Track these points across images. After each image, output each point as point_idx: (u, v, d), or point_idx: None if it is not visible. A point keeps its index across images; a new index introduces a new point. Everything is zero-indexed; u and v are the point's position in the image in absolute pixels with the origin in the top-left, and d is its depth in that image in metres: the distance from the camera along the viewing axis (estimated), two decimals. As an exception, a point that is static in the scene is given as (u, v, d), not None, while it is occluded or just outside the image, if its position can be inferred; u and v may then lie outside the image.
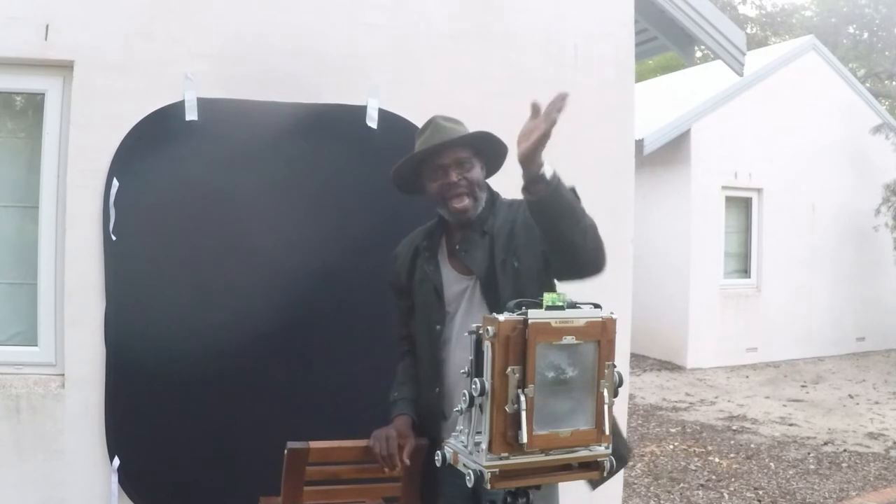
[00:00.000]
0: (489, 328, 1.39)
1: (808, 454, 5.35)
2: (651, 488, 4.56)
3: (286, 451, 1.97)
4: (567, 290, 1.51)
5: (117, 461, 2.57)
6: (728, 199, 9.32)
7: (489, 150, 2.02)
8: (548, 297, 1.42)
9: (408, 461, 1.94)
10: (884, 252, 9.96)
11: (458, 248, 1.98)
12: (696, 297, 8.89)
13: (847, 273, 10.01)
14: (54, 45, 2.60)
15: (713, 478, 4.79)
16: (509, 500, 1.47)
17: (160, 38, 2.67)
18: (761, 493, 4.51)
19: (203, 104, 2.65)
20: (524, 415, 1.36)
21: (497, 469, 1.38)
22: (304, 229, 2.65)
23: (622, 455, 1.79)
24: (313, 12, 2.81)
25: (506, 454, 1.38)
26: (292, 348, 2.67)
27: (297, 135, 2.70)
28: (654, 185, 9.02)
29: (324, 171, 2.74)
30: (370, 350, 2.57)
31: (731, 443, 5.66)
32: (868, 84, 15.62)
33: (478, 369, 1.42)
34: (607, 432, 1.43)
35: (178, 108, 2.64)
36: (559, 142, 2.99)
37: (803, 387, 7.97)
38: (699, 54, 9.97)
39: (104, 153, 2.60)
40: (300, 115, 2.70)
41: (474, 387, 1.40)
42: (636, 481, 4.68)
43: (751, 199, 9.52)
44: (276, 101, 2.69)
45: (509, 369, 1.37)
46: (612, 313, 1.46)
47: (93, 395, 2.60)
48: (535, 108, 1.63)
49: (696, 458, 5.21)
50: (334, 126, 2.76)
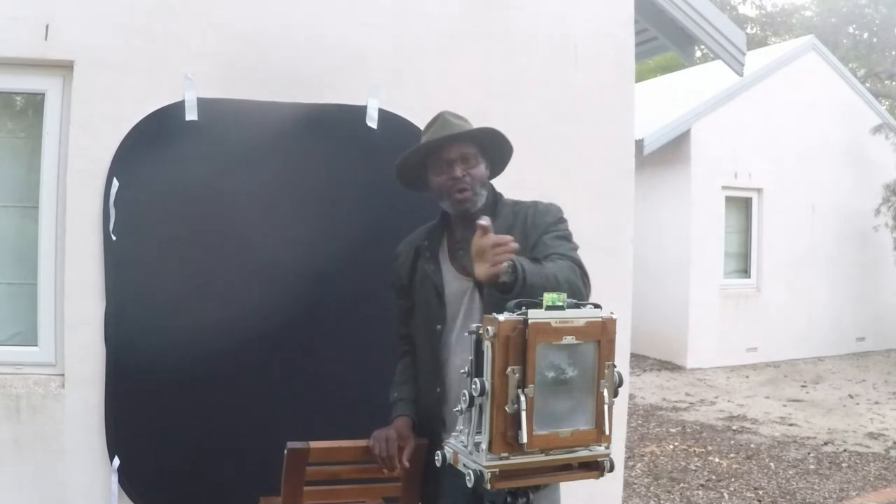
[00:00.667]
0: (489, 328, 1.39)
1: (808, 454, 5.35)
2: (651, 488, 4.56)
3: (286, 451, 1.97)
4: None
5: (117, 461, 2.57)
6: (728, 199, 9.32)
7: (495, 149, 2.02)
8: (548, 297, 1.42)
9: (407, 463, 1.94)
10: (884, 252, 9.96)
11: (458, 248, 1.98)
12: (696, 297, 8.89)
13: (847, 273, 10.01)
14: (54, 45, 2.60)
15: (713, 478, 4.79)
16: (509, 500, 1.47)
17: (160, 38, 2.67)
18: (761, 493, 4.51)
19: (203, 104, 2.65)
20: (524, 415, 1.36)
21: (497, 469, 1.38)
22: (304, 229, 2.65)
23: None
24: (313, 12, 2.81)
25: (506, 454, 1.38)
26: (292, 348, 2.67)
27: (297, 135, 2.70)
28: (654, 185, 9.02)
29: (324, 170, 2.74)
30: (371, 350, 2.57)
31: (731, 443, 5.66)
32: (868, 84, 15.61)
33: (478, 369, 1.42)
34: (607, 432, 1.43)
35: (178, 108, 2.64)
36: (559, 142, 3.02)
37: (803, 387, 7.98)
38: (699, 54, 9.97)
39: (104, 153, 2.60)
40: (300, 115, 2.70)
41: (474, 387, 1.40)
42: (636, 481, 4.68)
43: (751, 199, 9.52)
44: (276, 101, 2.69)
45: (509, 369, 1.37)
46: (612, 313, 1.46)
47: (93, 395, 2.60)
48: (483, 228, 1.63)
49: (696, 458, 5.22)
50: (334, 126, 2.76)
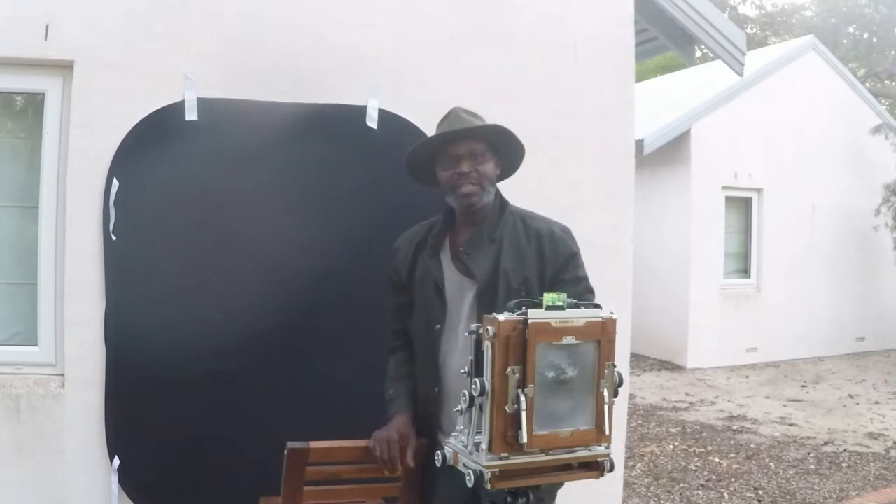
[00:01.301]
0: (489, 328, 1.39)
1: (808, 454, 5.35)
2: (651, 488, 4.56)
3: (286, 451, 1.97)
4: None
5: (117, 461, 2.57)
6: (728, 199, 9.32)
7: (505, 148, 2.01)
8: (548, 297, 1.42)
9: (412, 463, 1.92)
10: (884, 252, 9.96)
11: (462, 249, 1.98)
12: (696, 297, 8.89)
13: (847, 273, 10.01)
14: (54, 45, 2.60)
15: (713, 478, 4.79)
16: (509, 500, 1.47)
17: (160, 38, 2.67)
18: (761, 493, 4.51)
19: (203, 104, 2.65)
20: (524, 415, 1.36)
21: (497, 469, 1.38)
22: (304, 229, 2.65)
23: None
24: (313, 12, 2.81)
25: (506, 454, 1.38)
26: (292, 348, 2.67)
27: (297, 135, 2.70)
28: (654, 185, 9.02)
29: (324, 170, 2.74)
30: (371, 349, 2.56)
31: (731, 443, 5.66)
32: (868, 84, 15.61)
33: (478, 369, 1.42)
34: (607, 432, 1.43)
35: (178, 108, 2.64)
36: (559, 142, 3.02)
37: (803, 387, 7.98)
38: (699, 54, 9.96)
39: (104, 153, 2.60)
40: (300, 115, 2.70)
41: (474, 387, 1.40)
42: (636, 481, 4.68)
43: (751, 199, 9.52)
44: (276, 101, 2.69)
45: (509, 369, 1.37)
46: (612, 313, 1.46)
47: (93, 395, 2.60)
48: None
49: (696, 458, 5.21)
50: (334, 126, 2.76)
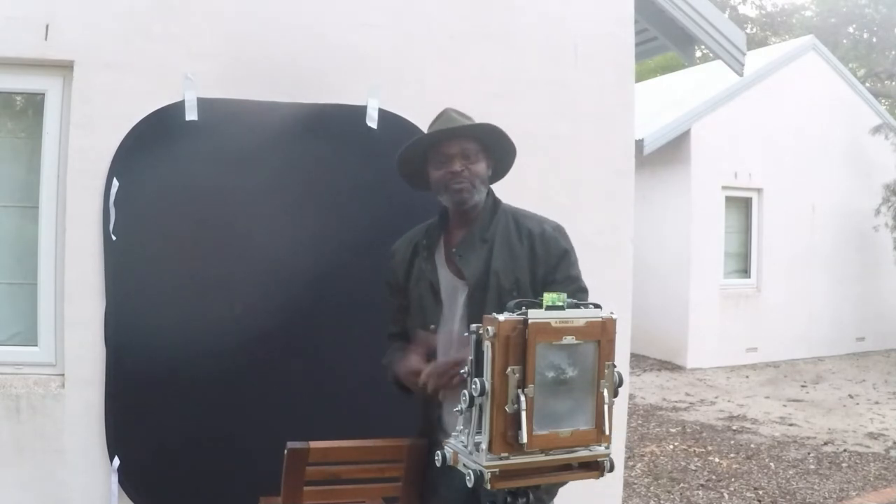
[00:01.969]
0: (489, 328, 1.39)
1: (808, 454, 5.35)
2: (651, 488, 4.56)
3: (286, 451, 1.97)
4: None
5: (117, 461, 2.57)
6: (728, 199, 9.32)
7: (497, 148, 2.01)
8: (548, 297, 1.42)
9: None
10: (884, 252, 9.95)
11: (454, 250, 1.98)
12: (696, 297, 8.89)
13: (847, 273, 10.01)
14: (54, 45, 2.60)
15: (713, 478, 4.79)
16: (509, 500, 1.47)
17: (160, 38, 2.67)
18: (761, 493, 4.51)
19: (203, 104, 2.65)
20: (524, 415, 1.36)
21: (497, 469, 1.38)
22: (304, 229, 2.65)
23: None
24: (313, 12, 2.81)
25: (506, 454, 1.38)
26: (292, 348, 2.67)
27: (297, 135, 2.70)
28: (654, 185, 9.02)
29: (324, 170, 2.73)
30: (371, 349, 2.56)
31: (731, 443, 5.66)
32: (868, 84, 15.61)
33: (478, 369, 1.42)
34: (607, 432, 1.43)
35: (178, 108, 2.64)
36: (559, 142, 3.02)
37: (803, 387, 7.97)
38: (699, 54, 9.94)
39: (104, 153, 2.60)
40: (300, 115, 2.70)
41: (474, 387, 1.40)
42: (636, 481, 4.67)
43: (751, 199, 9.52)
44: (276, 101, 2.69)
45: (509, 369, 1.37)
46: (612, 313, 1.46)
47: (93, 395, 2.60)
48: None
49: (696, 458, 5.21)
50: (334, 126, 2.75)
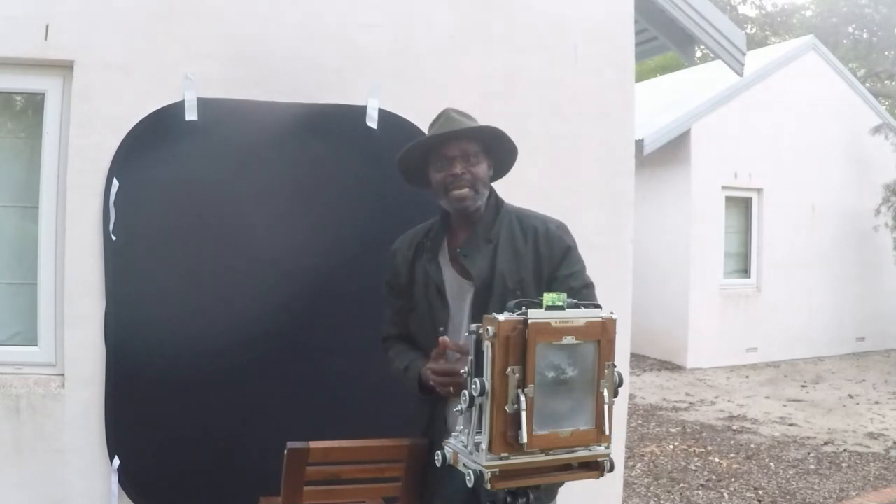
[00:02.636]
0: (489, 328, 1.39)
1: (808, 454, 5.35)
2: (651, 488, 4.56)
3: (286, 451, 1.97)
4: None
5: (117, 461, 2.57)
6: (728, 199, 9.32)
7: (498, 149, 2.00)
8: (548, 297, 1.41)
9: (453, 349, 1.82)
10: (884, 252, 9.96)
11: (459, 251, 1.97)
12: (696, 297, 8.89)
13: (847, 273, 10.01)
14: (54, 45, 2.60)
15: (713, 478, 4.79)
16: (509, 500, 1.47)
17: (160, 38, 2.67)
18: (761, 493, 4.51)
19: (203, 104, 2.65)
20: (524, 415, 1.36)
21: (497, 469, 1.38)
22: (304, 229, 2.65)
23: None
24: (313, 12, 2.81)
25: (506, 454, 1.38)
26: (292, 348, 2.67)
27: (297, 135, 2.70)
28: (654, 185, 9.02)
29: (324, 170, 2.74)
30: (371, 350, 2.57)
31: (731, 443, 5.66)
32: (868, 84, 15.62)
33: (478, 369, 1.42)
34: (607, 432, 1.43)
35: (178, 108, 2.64)
36: (559, 142, 3.02)
37: (803, 387, 7.97)
38: (699, 54, 9.96)
39: (104, 153, 2.60)
40: (300, 115, 2.70)
41: (474, 387, 1.39)
42: (636, 481, 4.67)
43: (751, 199, 9.52)
44: (276, 101, 2.69)
45: (509, 369, 1.37)
46: (612, 313, 1.46)
47: (93, 395, 2.60)
48: (443, 344, 1.81)
49: (696, 458, 5.21)
50: (334, 126, 2.75)
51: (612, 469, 1.46)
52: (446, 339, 1.81)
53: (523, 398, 1.36)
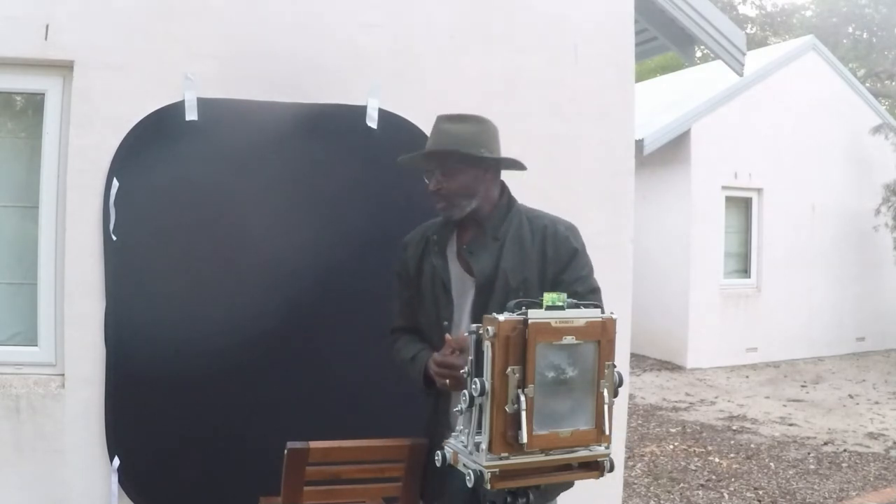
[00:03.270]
0: (489, 328, 1.39)
1: (808, 454, 5.35)
2: (651, 488, 4.56)
3: (286, 451, 1.97)
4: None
5: (117, 461, 2.57)
6: (728, 199, 9.32)
7: (476, 158, 1.93)
8: (548, 297, 1.42)
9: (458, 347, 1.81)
10: (884, 252, 9.95)
11: (465, 247, 1.98)
12: (696, 297, 8.88)
13: (847, 273, 10.00)
14: (54, 45, 2.60)
15: (713, 478, 4.79)
16: (509, 500, 1.47)
17: (160, 38, 2.67)
18: (761, 493, 4.51)
19: (203, 104, 2.65)
20: (524, 415, 1.36)
21: (497, 469, 1.38)
22: (304, 229, 2.65)
23: None
24: (313, 12, 2.81)
25: (506, 454, 1.38)
26: (292, 348, 2.67)
27: (297, 135, 2.70)
28: (654, 185, 9.01)
29: (324, 170, 2.74)
30: (370, 350, 2.57)
31: (731, 443, 5.66)
32: (868, 84, 15.62)
33: (478, 369, 1.42)
34: (607, 432, 1.43)
35: (178, 108, 2.64)
36: (559, 142, 3.02)
37: (803, 387, 7.97)
38: (699, 54, 9.97)
39: (104, 153, 2.60)
40: (300, 115, 2.70)
41: (474, 387, 1.39)
42: (636, 481, 4.67)
43: (751, 199, 9.52)
44: (276, 101, 2.69)
45: (509, 369, 1.37)
46: (612, 313, 1.46)
47: (93, 395, 2.60)
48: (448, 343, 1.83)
49: (696, 458, 5.21)
50: (334, 126, 2.76)
51: (612, 469, 1.46)
52: (449, 337, 1.82)
53: (523, 398, 1.36)
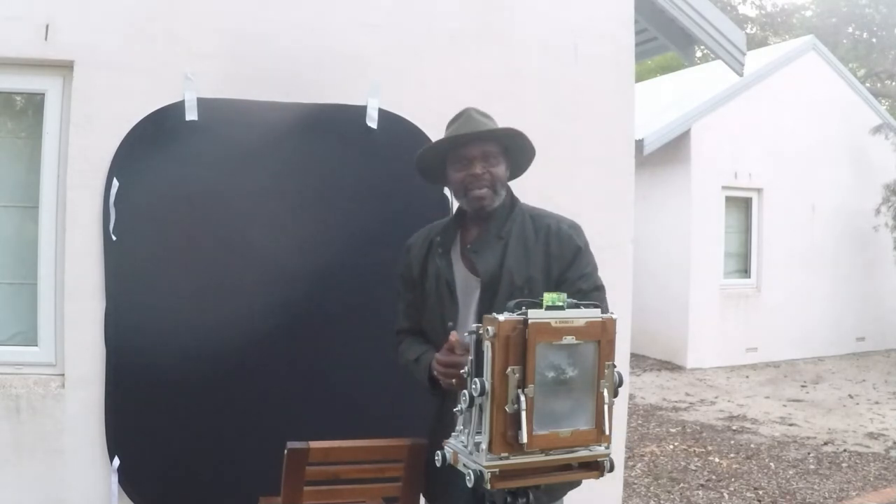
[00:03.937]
0: (489, 328, 1.39)
1: (808, 454, 5.35)
2: (651, 488, 4.56)
3: (286, 451, 1.97)
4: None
5: (117, 461, 2.57)
6: (728, 199, 9.32)
7: (517, 150, 2.02)
8: (548, 297, 1.41)
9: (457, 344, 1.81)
10: (884, 252, 9.95)
11: (469, 247, 1.99)
12: (696, 297, 8.88)
13: (847, 273, 10.00)
14: (54, 45, 2.60)
15: (713, 478, 4.79)
16: (510, 500, 1.47)
17: (160, 38, 2.67)
18: (761, 493, 4.51)
19: (203, 104, 2.65)
20: (524, 415, 1.35)
21: (497, 469, 1.38)
22: (304, 229, 2.65)
23: None
24: (313, 12, 2.81)
25: (506, 454, 1.38)
26: (292, 348, 2.67)
27: (297, 135, 2.70)
28: (654, 185, 9.02)
29: (324, 170, 2.74)
30: (371, 350, 2.57)
31: (731, 443, 5.66)
32: (868, 84, 15.62)
33: (478, 369, 1.42)
34: (607, 432, 1.43)
35: (178, 108, 2.64)
36: (560, 142, 3.02)
37: (803, 387, 7.97)
38: (699, 54, 9.98)
39: (104, 153, 2.60)
40: (300, 115, 2.70)
41: (474, 387, 1.39)
42: (636, 481, 4.67)
43: (751, 199, 9.52)
44: (276, 101, 2.69)
45: (509, 369, 1.36)
46: (612, 313, 1.46)
47: (93, 395, 2.60)
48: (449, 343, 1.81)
49: (696, 458, 5.21)
50: (334, 126, 2.76)
51: (612, 469, 1.46)
52: (455, 334, 1.82)
53: (523, 398, 1.36)
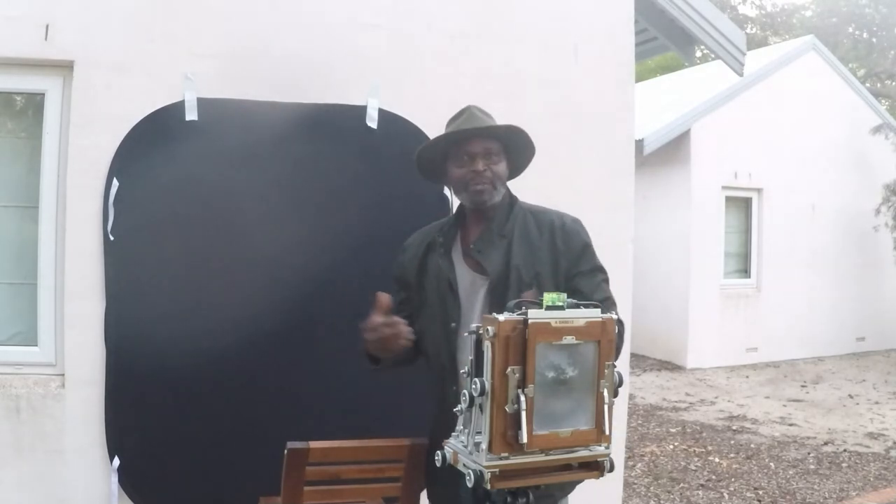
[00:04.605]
0: (489, 328, 1.39)
1: (808, 454, 5.35)
2: (651, 488, 4.56)
3: (286, 451, 1.97)
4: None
5: (117, 461, 2.57)
6: (728, 199, 9.33)
7: (517, 149, 2.03)
8: (548, 297, 1.41)
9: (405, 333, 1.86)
10: (884, 252, 9.96)
11: (473, 246, 1.99)
12: (696, 297, 8.89)
13: (847, 273, 10.01)
14: (54, 45, 2.60)
15: (713, 478, 4.79)
16: (510, 500, 1.47)
17: (160, 38, 2.67)
18: (761, 493, 4.51)
19: (203, 104, 2.65)
20: (524, 415, 1.35)
21: (497, 469, 1.38)
22: (304, 229, 2.65)
23: None
24: (313, 12, 2.81)
25: (506, 454, 1.38)
26: (292, 348, 2.67)
27: (297, 135, 2.70)
28: (654, 185, 9.02)
29: (324, 171, 2.74)
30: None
31: (731, 443, 5.66)
32: (868, 84, 15.62)
33: (478, 369, 1.41)
34: (607, 432, 1.43)
35: (178, 108, 2.64)
36: (559, 142, 3.02)
37: (803, 387, 7.98)
38: (699, 54, 9.97)
39: (104, 153, 2.60)
40: (300, 115, 2.70)
41: (474, 387, 1.39)
42: (636, 481, 4.68)
43: (751, 199, 9.52)
44: (276, 101, 2.69)
45: (509, 369, 1.36)
46: (613, 314, 1.46)
47: (93, 395, 2.60)
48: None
49: (696, 458, 5.21)
50: (334, 126, 2.76)
51: (612, 469, 1.46)
52: (382, 294, 1.87)
53: (523, 398, 1.36)
